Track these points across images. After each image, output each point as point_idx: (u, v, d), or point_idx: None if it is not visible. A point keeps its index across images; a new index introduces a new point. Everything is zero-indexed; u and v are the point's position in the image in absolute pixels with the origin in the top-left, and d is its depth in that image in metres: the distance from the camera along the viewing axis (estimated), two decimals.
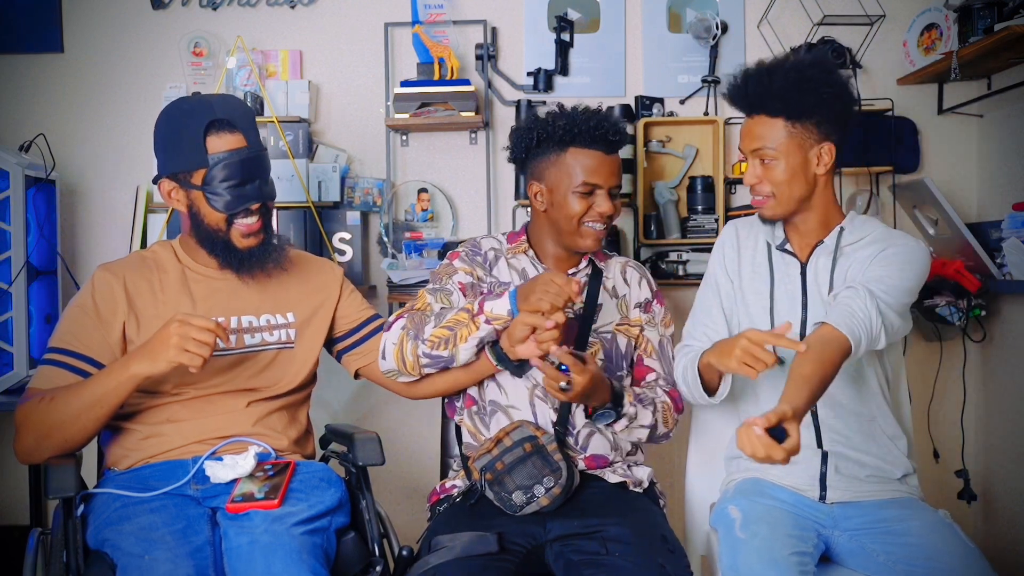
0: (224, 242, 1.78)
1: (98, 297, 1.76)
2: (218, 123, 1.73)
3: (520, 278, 1.93)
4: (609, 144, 1.87)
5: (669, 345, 1.99)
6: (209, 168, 1.73)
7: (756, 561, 1.63)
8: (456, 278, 1.92)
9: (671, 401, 1.92)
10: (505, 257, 1.97)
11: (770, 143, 1.78)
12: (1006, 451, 2.68)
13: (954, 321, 2.58)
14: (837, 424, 1.83)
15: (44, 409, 1.65)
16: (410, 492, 2.81)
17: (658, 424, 1.88)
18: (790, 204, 1.81)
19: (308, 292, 1.92)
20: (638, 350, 1.97)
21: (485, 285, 1.93)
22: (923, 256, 1.80)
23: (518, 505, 1.74)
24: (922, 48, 2.66)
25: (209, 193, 1.74)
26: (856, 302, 1.69)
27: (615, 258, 2.04)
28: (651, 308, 1.99)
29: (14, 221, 2.50)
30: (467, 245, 2.00)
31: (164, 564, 1.47)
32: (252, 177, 1.76)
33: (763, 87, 1.76)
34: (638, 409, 1.84)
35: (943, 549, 1.66)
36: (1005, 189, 2.67)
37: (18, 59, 2.86)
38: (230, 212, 1.75)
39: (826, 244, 1.85)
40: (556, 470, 1.74)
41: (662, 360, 1.97)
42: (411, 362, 1.80)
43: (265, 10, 2.86)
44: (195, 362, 1.59)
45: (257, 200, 1.77)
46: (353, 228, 2.77)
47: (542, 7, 2.84)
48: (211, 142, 1.73)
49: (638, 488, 1.89)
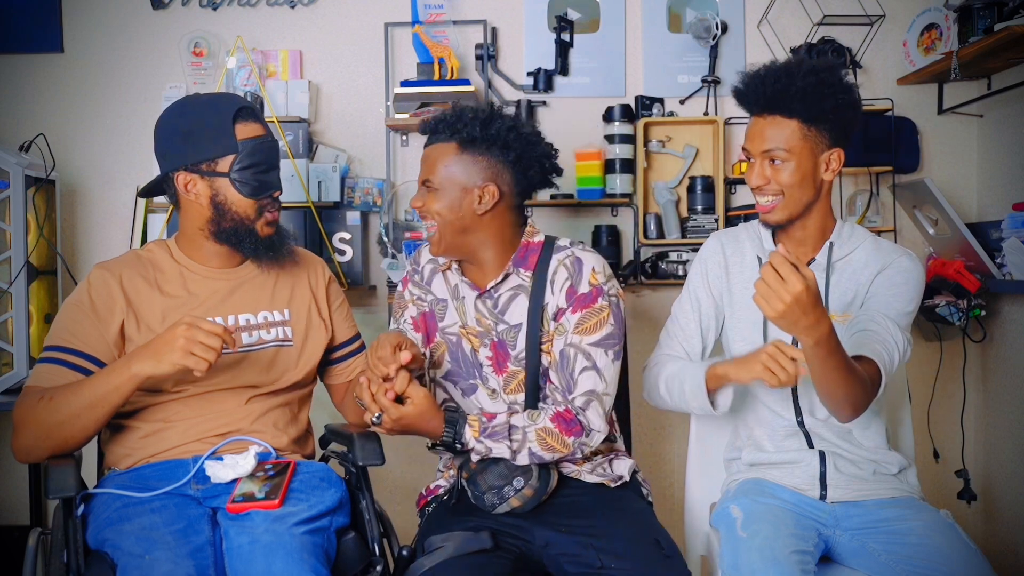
0: (250, 231, 1.80)
1: (95, 295, 1.75)
2: (245, 111, 1.78)
3: (453, 297, 1.85)
4: (429, 135, 1.82)
5: (579, 355, 1.75)
6: (239, 154, 1.75)
7: (758, 559, 1.63)
8: (408, 313, 1.90)
9: (557, 425, 1.71)
10: (440, 270, 1.88)
11: (783, 144, 1.75)
12: (1006, 451, 2.68)
13: (954, 321, 2.58)
14: (824, 432, 1.84)
15: (44, 408, 1.64)
16: (410, 492, 2.80)
17: (534, 453, 1.70)
18: (797, 207, 1.80)
19: (298, 288, 1.92)
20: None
21: (428, 306, 1.88)
22: (920, 273, 1.81)
23: (489, 505, 1.72)
24: (922, 48, 2.66)
25: (238, 180, 1.76)
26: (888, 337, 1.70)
27: (560, 252, 1.81)
28: (561, 317, 1.78)
29: (14, 221, 2.50)
30: (412, 262, 1.94)
31: (164, 564, 1.46)
32: (275, 165, 1.81)
33: (783, 86, 1.73)
34: (487, 444, 1.70)
35: (945, 549, 1.66)
36: (1005, 189, 2.67)
37: (18, 59, 2.87)
38: (258, 197, 1.78)
39: (818, 261, 1.84)
40: (527, 471, 1.71)
41: (561, 371, 1.76)
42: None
43: (265, 10, 2.87)
44: (200, 366, 1.58)
45: (279, 188, 1.82)
46: (353, 228, 2.77)
47: (542, 7, 2.84)
48: (240, 129, 1.76)
49: (618, 484, 1.84)
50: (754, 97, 1.79)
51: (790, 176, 1.76)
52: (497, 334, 1.80)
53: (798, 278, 1.45)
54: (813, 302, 1.47)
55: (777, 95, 1.74)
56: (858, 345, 1.70)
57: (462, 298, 1.84)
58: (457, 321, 1.84)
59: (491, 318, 1.81)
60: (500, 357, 1.81)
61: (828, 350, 1.54)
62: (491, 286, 1.80)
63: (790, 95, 1.73)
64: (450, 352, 1.85)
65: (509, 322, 1.80)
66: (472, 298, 1.82)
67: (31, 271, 2.57)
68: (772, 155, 1.76)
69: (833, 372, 1.58)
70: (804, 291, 1.45)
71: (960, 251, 2.59)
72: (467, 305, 1.83)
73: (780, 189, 1.77)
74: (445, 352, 1.86)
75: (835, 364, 1.57)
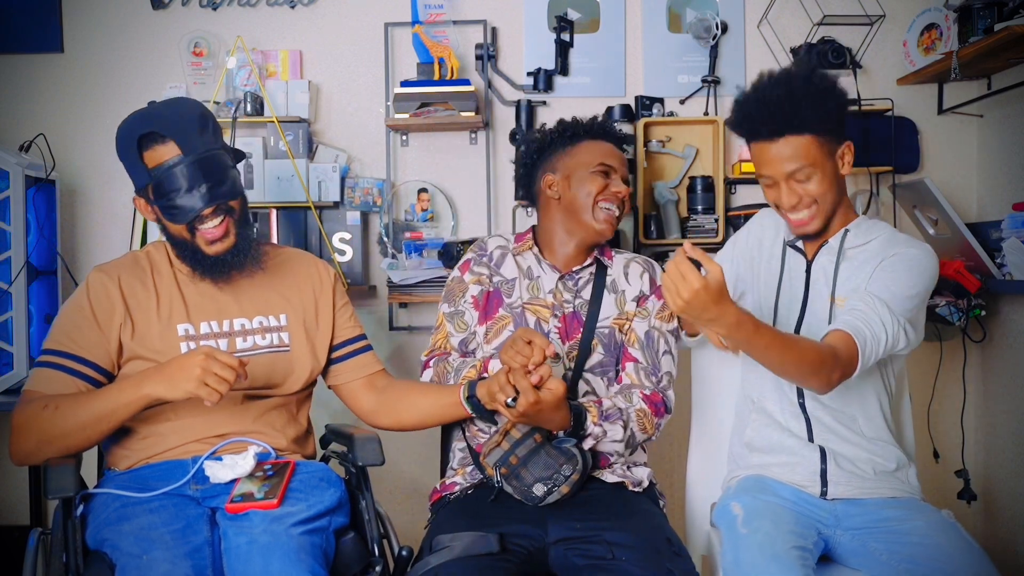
0: (192, 250, 1.77)
1: (93, 299, 1.75)
2: (147, 137, 1.70)
3: (525, 277, 1.98)
4: (617, 138, 2.03)
5: (662, 338, 1.95)
6: (152, 182, 1.71)
7: (758, 556, 1.63)
8: (469, 294, 2.00)
9: (649, 406, 1.88)
10: (512, 254, 2.02)
11: (806, 161, 1.75)
12: (1006, 451, 2.68)
13: (954, 321, 2.58)
14: (825, 418, 1.84)
15: (48, 417, 1.64)
16: (410, 492, 2.81)
17: (635, 434, 1.85)
18: (830, 211, 1.82)
19: (298, 292, 1.91)
20: (625, 341, 1.97)
21: (492, 286, 1.99)
22: (928, 261, 1.79)
23: (539, 497, 1.74)
24: (922, 48, 2.66)
25: (161, 207, 1.72)
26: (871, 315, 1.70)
27: (622, 255, 2.05)
28: (645, 302, 1.98)
29: (14, 221, 2.50)
30: (474, 249, 2.07)
31: (163, 564, 1.46)
32: (197, 183, 1.70)
33: (792, 107, 1.73)
34: (605, 427, 1.82)
35: (947, 548, 1.66)
36: (1005, 189, 2.67)
37: (18, 59, 2.87)
38: (184, 221, 1.72)
39: (830, 244, 1.85)
40: (571, 457, 1.75)
41: (646, 350, 1.93)
42: None
43: (265, 10, 2.87)
44: (212, 397, 1.58)
45: (208, 204, 1.71)
46: (353, 228, 2.77)
47: (542, 7, 2.84)
48: (147, 157, 1.71)
49: (637, 488, 1.89)
50: (762, 126, 1.77)
51: (819, 185, 1.77)
52: (574, 307, 1.97)
53: (696, 276, 1.47)
54: (714, 298, 1.48)
55: (788, 117, 1.73)
56: (837, 320, 1.72)
57: (536, 277, 1.99)
58: (526, 296, 1.97)
59: (568, 294, 1.97)
60: (569, 327, 1.95)
61: (747, 333, 1.56)
62: (575, 269, 1.99)
63: (800, 113, 1.73)
64: (514, 323, 1.96)
65: (585, 298, 1.98)
66: (553, 278, 1.98)
67: (31, 271, 2.57)
68: (798, 175, 1.76)
69: (767, 351, 1.60)
70: (702, 289, 1.47)
71: (960, 251, 2.59)
72: (542, 283, 1.99)
73: (813, 200, 1.78)
74: (509, 323, 1.96)
75: (765, 343, 1.59)
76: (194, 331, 1.78)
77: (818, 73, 1.78)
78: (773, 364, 1.65)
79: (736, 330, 1.54)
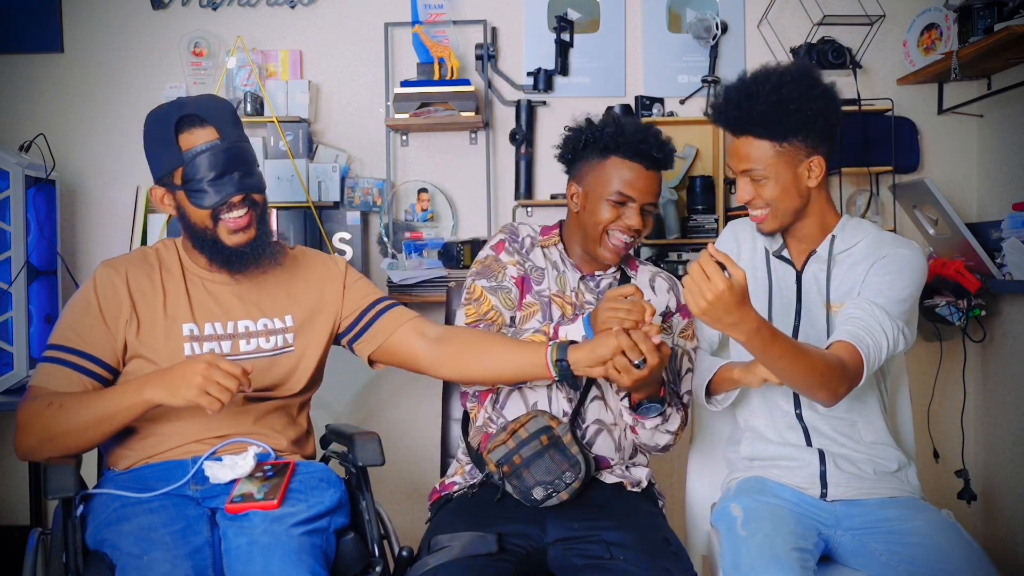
0: (212, 240, 1.76)
1: (101, 294, 1.75)
2: (187, 119, 1.72)
3: (553, 268, 1.97)
4: (651, 161, 1.86)
5: (686, 356, 1.94)
6: (185, 165, 1.71)
7: (758, 558, 1.63)
8: (509, 273, 1.95)
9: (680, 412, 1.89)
10: (539, 245, 2.00)
11: (758, 164, 1.75)
12: (1006, 451, 2.68)
13: (954, 321, 2.58)
14: (823, 427, 1.84)
15: (51, 415, 1.64)
16: (410, 492, 2.81)
17: (671, 431, 1.84)
18: (787, 216, 1.81)
19: (307, 291, 1.90)
20: None
21: (525, 271, 1.96)
22: (917, 262, 1.79)
23: (539, 500, 1.74)
24: (922, 48, 2.66)
25: (190, 191, 1.72)
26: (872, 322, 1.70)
27: (646, 267, 2.03)
28: (670, 319, 1.95)
29: (14, 221, 2.50)
30: (506, 232, 2.01)
31: (162, 564, 1.46)
32: (230, 169, 1.72)
33: (744, 112, 1.74)
34: (672, 412, 1.82)
35: (947, 548, 1.66)
36: (1005, 189, 2.67)
37: (18, 59, 2.87)
38: (212, 206, 1.73)
39: (819, 254, 1.84)
40: (575, 464, 1.74)
41: (668, 369, 1.89)
42: None
43: (265, 10, 2.87)
44: (214, 406, 1.58)
45: (238, 192, 1.73)
46: (353, 228, 2.77)
47: (542, 7, 2.84)
48: (183, 139, 1.72)
49: (636, 488, 1.88)
50: (724, 120, 1.80)
51: (771, 191, 1.77)
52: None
53: (721, 278, 1.47)
54: (737, 301, 1.48)
55: (743, 118, 1.75)
56: (838, 331, 1.72)
57: (562, 271, 1.96)
58: (554, 288, 1.94)
59: (591, 295, 1.95)
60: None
61: (764, 341, 1.55)
62: (596, 273, 1.97)
63: (753, 120, 1.73)
64: (542, 312, 1.93)
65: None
66: (575, 277, 1.96)
67: (31, 271, 2.57)
68: (751, 175, 1.77)
69: (779, 360, 1.60)
70: (727, 291, 1.47)
71: (960, 251, 2.59)
72: (567, 279, 1.96)
73: (766, 203, 1.79)
74: (537, 311, 1.93)
75: (779, 353, 1.58)
76: (198, 332, 1.78)
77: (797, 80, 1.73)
78: (784, 374, 1.63)
79: (755, 336, 1.54)
